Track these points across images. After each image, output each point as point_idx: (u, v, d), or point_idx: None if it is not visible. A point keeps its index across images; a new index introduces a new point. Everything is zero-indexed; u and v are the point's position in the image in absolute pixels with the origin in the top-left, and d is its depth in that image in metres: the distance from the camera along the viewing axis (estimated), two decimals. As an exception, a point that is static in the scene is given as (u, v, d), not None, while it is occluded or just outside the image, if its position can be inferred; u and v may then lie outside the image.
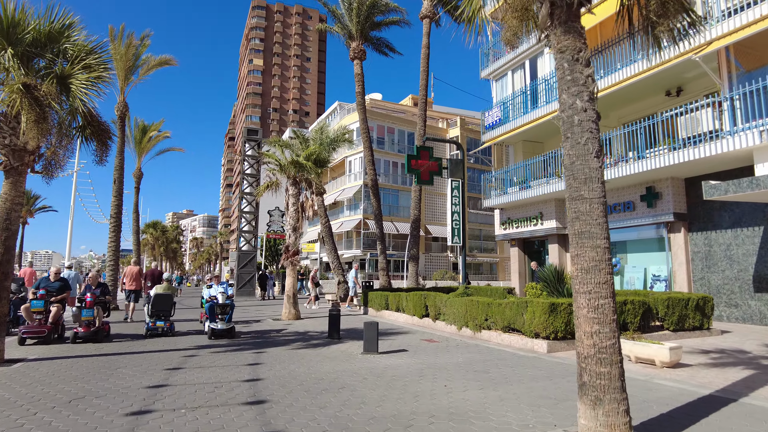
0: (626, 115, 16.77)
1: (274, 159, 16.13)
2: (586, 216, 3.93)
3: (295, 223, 15.98)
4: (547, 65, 18.72)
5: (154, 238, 47.29)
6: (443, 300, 12.25)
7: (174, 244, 78.93)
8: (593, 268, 3.85)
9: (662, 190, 14.93)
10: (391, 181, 45.18)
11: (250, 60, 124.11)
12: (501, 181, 20.64)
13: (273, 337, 11.50)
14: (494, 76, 21.85)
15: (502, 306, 10.03)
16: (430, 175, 12.63)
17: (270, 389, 6.18)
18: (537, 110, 18.41)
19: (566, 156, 4.19)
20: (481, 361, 8.11)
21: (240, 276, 28.22)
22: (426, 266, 45.30)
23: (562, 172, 17.00)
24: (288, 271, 16.01)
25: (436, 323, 12.69)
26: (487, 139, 21.31)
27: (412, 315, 14.01)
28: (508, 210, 21.03)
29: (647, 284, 15.76)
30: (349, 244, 45.53)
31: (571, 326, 9.08)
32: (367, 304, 17.57)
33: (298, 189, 16.26)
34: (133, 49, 21.65)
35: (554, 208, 18.59)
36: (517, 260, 21.05)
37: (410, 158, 12.45)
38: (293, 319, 15.68)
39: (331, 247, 22.62)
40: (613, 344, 3.76)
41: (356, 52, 26.31)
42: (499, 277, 49.05)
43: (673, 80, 14.95)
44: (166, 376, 6.98)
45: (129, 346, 10.05)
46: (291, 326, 13.88)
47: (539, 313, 8.99)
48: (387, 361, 8.09)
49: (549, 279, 12.13)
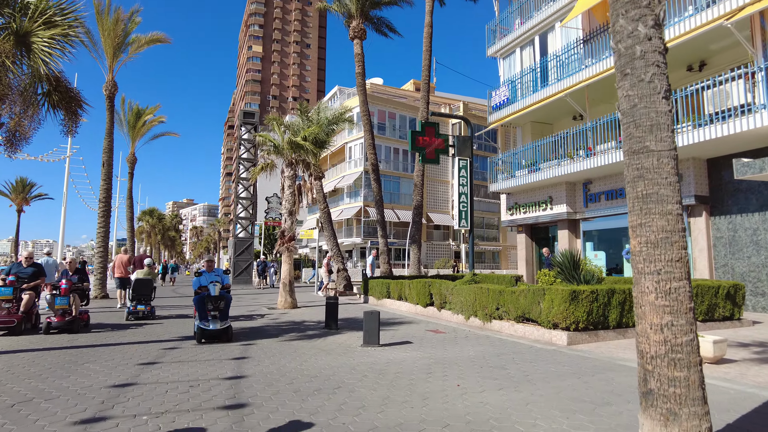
0: (643, 93, 15.74)
1: (269, 140, 15.15)
2: (653, 173, 3.00)
3: (291, 207, 15.05)
4: (559, 40, 17.65)
5: (151, 225, 46.39)
6: (449, 288, 11.37)
7: (172, 233, 78.18)
8: (663, 241, 2.93)
9: (683, 171, 13.95)
10: (392, 167, 44.18)
11: (249, 47, 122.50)
12: (508, 164, 19.67)
13: (266, 327, 10.64)
14: (501, 54, 20.77)
15: (515, 294, 9.13)
16: (436, 153, 11.68)
17: (254, 389, 5.30)
18: (547, 88, 17.38)
19: (624, 99, 3.25)
20: (495, 354, 7.23)
21: (236, 264, 27.37)
22: (427, 254, 44.47)
23: (575, 153, 16.04)
24: (284, 258, 15.12)
25: (442, 313, 11.81)
26: (493, 120, 20.30)
27: (415, 304, 13.14)
28: (516, 194, 20.07)
29: (664, 272, 14.84)
30: (349, 231, 44.66)
31: (593, 316, 8.20)
32: (368, 293, 16.70)
33: (294, 171, 15.31)
34: (121, 25, 20.56)
35: (565, 191, 17.63)
36: (524, 247, 20.15)
37: (414, 135, 11.47)
38: (290, 307, 14.83)
39: (330, 234, 21.71)
40: (690, 341, 2.85)
41: (356, 31, 25.21)
42: (502, 266, 48.24)
43: (696, 52, 13.92)
44: (137, 373, 6.11)
45: (106, 336, 9.19)
46: (286, 315, 13.02)
47: (558, 301, 8.09)
48: (390, 355, 7.21)
49: (564, 265, 11.23)
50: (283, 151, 14.99)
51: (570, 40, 16.88)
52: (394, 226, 43.96)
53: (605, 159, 14.83)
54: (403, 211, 41.75)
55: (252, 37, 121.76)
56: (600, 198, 16.71)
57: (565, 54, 16.74)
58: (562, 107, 18.35)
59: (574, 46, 16.48)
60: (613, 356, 7.03)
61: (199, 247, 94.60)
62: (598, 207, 16.80)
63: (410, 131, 11.44)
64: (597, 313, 8.24)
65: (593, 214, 17.02)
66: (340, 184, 43.86)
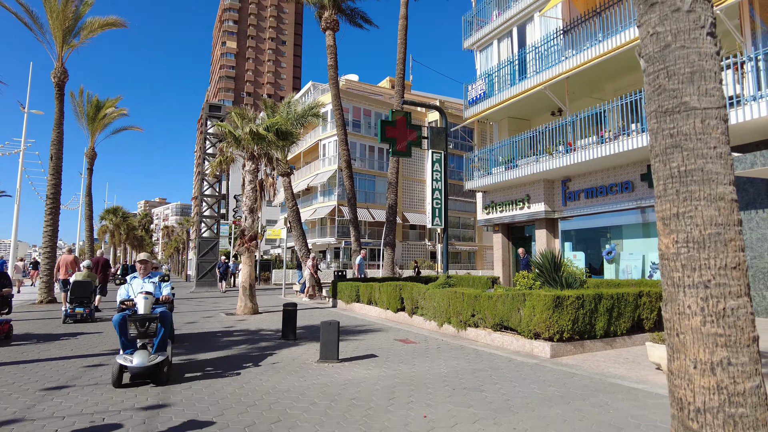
0: (624, 87, 15.10)
1: (229, 130, 13.95)
2: (696, 141, 2.08)
3: (252, 204, 13.90)
4: (538, 31, 16.92)
5: (114, 225, 44.11)
6: (421, 291, 10.41)
7: (140, 232, 75.38)
8: (713, 240, 2.01)
9: (666, 167, 13.33)
10: (367, 166, 43.16)
11: (223, 42, 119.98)
12: (485, 161, 18.87)
13: (216, 337, 9.48)
14: (478, 46, 19.98)
15: (492, 300, 8.22)
16: (408, 145, 10.72)
17: (171, 423, 4.22)
18: (525, 81, 16.62)
19: (650, 39, 2.32)
20: (470, 371, 6.29)
21: (201, 265, 25.92)
22: (403, 255, 43.60)
23: (554, 149, 15.31)
24: (244, 259, 13.95)
25: (413, 319, 10.85)
26: (470, 115, 19.48)
27: (385, 309, 12.16)
28: (492, 193, 19.30)
29: (646, 273, 14.24)
30: (323, 231, 43.46)
31: (579, 325, 7.35)
32: (336, 296, 15.64)
33: (256, 165, 14.14)
34: (71, 7, 19.00)
35: (543, 189, 16.91)
36: (500, 247, 19.39)
37: (384, 125, 10.48)
38: (250, 313, 13.67)
39: (299, 233, 20.57)
40: (756, 388, 1.93)
41: (328, 22, 24.15)
42: (478, 266, 47.75)
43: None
44: (32, 403, 4.95)
45: (25, 351, 7.93)
46: (244, 323, 11.86)
47: (541, 308, 7.20)
48: (348, 374, 6.20)
49: (544, 267, 10.39)
50: (243, 143, 13.81)
51: (549, 31, 16.16)
52: (369, 226, 42.95)
53: (585, 155, 14.13)
54: (379, 210, 40.81)
55: (226, 32, 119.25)
56: (579, 196, 16.04)
57: (545, 45, 16.01)
58: (540, 102, 17.65)
59: (554, 37, 15.76)
60: (603, 372, 6.17)
61: (169, 248, 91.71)
62: (577, 205, 16.13)
63: (379, 120, 10.43)
64: (583, 321, 7.39)
65: (572, 213, 16.34)
66: (313, 182, 42.61)
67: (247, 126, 13.35)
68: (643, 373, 6.07)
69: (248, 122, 14.17)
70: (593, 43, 14.20)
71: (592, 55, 14.12)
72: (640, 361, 6.72)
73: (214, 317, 13.15)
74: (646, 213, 14.19)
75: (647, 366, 6.42)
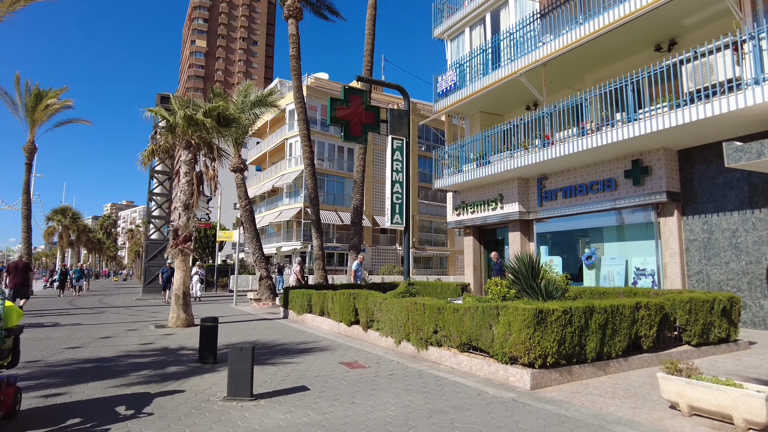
0: (604, 77, 13.83)
1: (161, 115, 12.06)
2: None
3: (187, 200, 12.03)
4: (513, 17, 15.59)
5: (64, 226, 40.90)
6: (377, 302, 8.76)
7: (99, 235, 71.59)
8: None
9: (652, 163, 12.10)
10: (336, 167, 41.43)
11: (192, 41, 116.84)
12: (455, 158, 17.40)
13: (120, 360, 7.61)
14: (449, 35, 18.57)
15: (459, 313, 6.63)
16: (363, 128, 9.07)
17: None
18: (499, 70, 15.25)
19: None
20: (425, 413, 4.66)
21: (148, 270, 23.65)
22: (373, 260, 41.95)
23: (530, 143, 13.93)
24: (177, 264, 12.05)
25: (368, 334, 9.18)
26: (439, 108, 18.02)
27: (338, 321, 10.46)
28: (463, 192, 17.85)
29: (629, 279, 12.96)
30: (288, 235, 41.45)
31: (566, 346, 5.81)
32: (288, 305, 13.84)
33: (194, 155, 12.29)
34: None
35: (517, 188, 15.53)
36: (471, 251, 17.93)
37: (334, 103, 8.78)
38: (182, 326, 11.77)
39: (252, 234, 18.67)
40: None
41: (291, 10, 22.45)
42: (449, 272, 46.49)
43: (666, 28, 12.12)
44: None
45: None
46: (168, 338, 9.98)
47: (518, 325, 5.65)
48: (257, 420, 4.48)
49: (520, 273, 8.89)
50: (179, 129, 11.94)
51: (525, 15, 14.84)
52: (338, 229, 41.19)
53: (564, 149, 12.80)
54: (348, 213, 39.03)
55: (196, 31, 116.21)
56: (556, 196, 14.71)
57: (520, 31, 14.67)
58: (514, 95, 16.33)
59: (530, 22, 14.43)
60: (603, 414, 4.63)
61: (131, 252, 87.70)
62: (554, 206, 14.79)
63: (329, 99, 8.76)
64: (571, 341, 5.86)
65: (548, 214, 14.99)
66: (279, 182, 40.60)
67: (182, 110, 11.50)
68: (656, 414, 4.55)
69: (186, 105, 12.32)
70: (573, 26, 12.91)
71: (572, 39, 12.83)
72: (646, 395, 5.22)
73: (139, 330, 11.20)
74: (631, 213, 12.91)
75: (658, 403, 4.92)
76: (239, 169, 18.65)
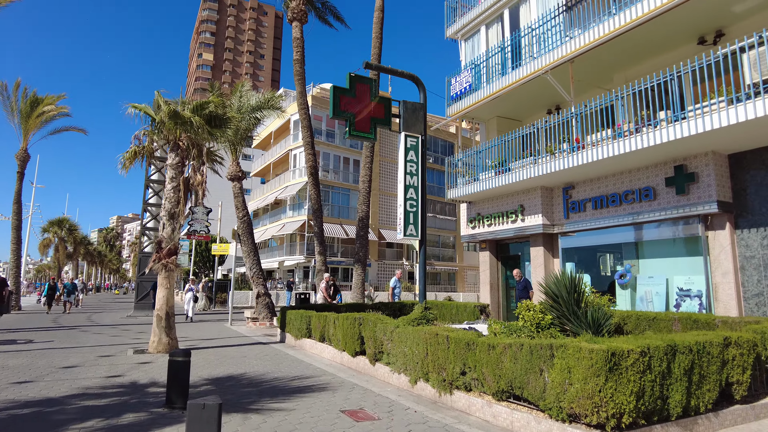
0: (636, 76, 12.41)
1: (144, 112, 10.77)
2: None
3: (172, 208, 10.66)
4: (534, 11, 14.29)
5: (60, 238, 39.70)
6: (388, 330, 7.28)
7: (100, 247, 70.52)
8: None
9: (699, 169, 10.62)
10: (341, 178, 40.17)
11: (199, 54, 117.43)
12: (470, 166, 15.98)
13: (71, 399, 6.16)
14: (463, 34, 17.30)
15: (496, 352, 5.16)
16: (371, 123, 7.70)
17: None
18: (519, 69, 13.90)
19: None
20: None
21: (141, 285, 22.26)
22: (379, 275, 40.44)
23: (557, 147, 12.52)
24: (160, 280, 10.65)
25: (377, 368, 7.69)
26: (453, 112, 16.67)
27: (341, 350, 8.97)
28: (479, 203, 16.39)
29: (670, 301, 11.40)
30: (291, 248, 40.06)
31: (646, 400, 4.31)
32: (285, 328, 12.36)
33: (181, 158, 10.96)
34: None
35: (540, 198, 14.08)
36: (488, 267, 16.41)
37: (338, 93, 7.40)
38: (164, 351, 10.32)
39: (250, 248, 17.28)
40: None
41: (295, 13, 21.46)
42: (458, 288, 44.82)
43: (713, 16, 10.76)
44: None
45: None
46: (142, 368, 8.51)
47: (583, 372, 4.17)
48: None
49: (560, 297, 7.44)
50: (165, 128, 10.63)
51: (549, 8, 13.53)
52: (342, 243, 39.78)
53: (596, 153, 11.36)
54: (352, 226, 37.64)
55: (203, 44, 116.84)
56: (585, 207, 13.23)
57: (544, 26, 13.36)
58: (535, 96, 14.98)
59: (555, 16, 13.12)
60: None
61: (134, 265, 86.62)
62: (582, 218, 13.31)
63: (332, 87, 7.41)
64: (651, 393, 4.37)
65: (576, 227, 13.50)
66: (282, 194, 39.34)
67: (167, 106, 10.20)
68: None
69: (176, 104, 11.04)
70: (604, 17, 11.57)
71: (603, 32, 11.48)
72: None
73: (112, 357, 9.75)
74: (673, 227, 11.40)
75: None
76: (237, 177, 17.34)
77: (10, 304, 23.87)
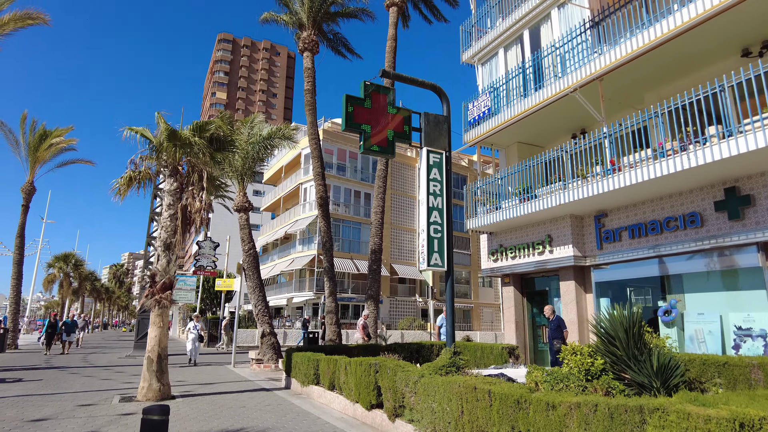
0: (670, 94, 11.44)
1: (142, 135, 9.96)
2: None
3: (168, 238, 9.69)
4: (557, 29, 13.55)
5: (65, 273, 38.95)
6: (410, 380, 6.07)
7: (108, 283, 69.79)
8: None
9: (755, 191, 9.47)
10: (352, 212, 39.28)
11: (213, 93, 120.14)
12: (492, 194, 14.94)
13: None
14: (480, 58, 16.62)
15: (558, 414, 3.95)
16: (389, 137, 6.75)
17: None
18: (542, 90, 13.05)
19: None
20: None
21: (142, 322, 21.11)
22: (391, 312, 38.88)
23: (588, 171, 11.46)
24: (152, 318, 9.58)
25: (397, 425, 6.42)
26: (471, 138, 15.79)
27: (353, 401, 7.72)
28: (501, 234, 15.25)
29: (727, 342, 10.02)
30: (301, 284, 38.82)
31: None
32: (290, 372, 11.10)
33: (180, 184, 10.07)
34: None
35: (570, 227, 12.93)
36: (512, 304, 15.09)
37: (351, 103, 6.48)
38: (154, 399, 9.13)
39: (255, 283, 16.18)
40: None
41: (306, 43, 21.03)
42: (474, 326, 42.91)
43: (759, 25, 9.85)
44: None
45: None
46: (125, 421, 7.31)
47: (695, 451, 2.95)
48: None
49: (618, 338, 6.24)
50: (164, 151, 9.79)
51: (573, 25, 12.77)
52: (354, 278, 38.52)
53: (632, 177, 10.27)
54: (364, 261, 36.44)
55: (217, 83, 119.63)
56: (620, 236, 12.05)
57: (568, 44, 12.56)
58: (558, 120, 14.10)
59: (580, 33, 12.33)
60: None
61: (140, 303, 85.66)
62: (617, 248, 12.10)
63: (344, 96, 6.49)
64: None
65: (611, 259, 12.26)
66: (292, 229, 38.47)
67: (166, 125, 9.39)
68: None
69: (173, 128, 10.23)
70: (636, 31, 10.72)
71: (634, 46, 10.61)
72: None
73: (93, 407, 8.56)
74: (726, 256, 10.16)
75: None
76: (243, 208, 16.45)
77: (5, 343, 22.84)
